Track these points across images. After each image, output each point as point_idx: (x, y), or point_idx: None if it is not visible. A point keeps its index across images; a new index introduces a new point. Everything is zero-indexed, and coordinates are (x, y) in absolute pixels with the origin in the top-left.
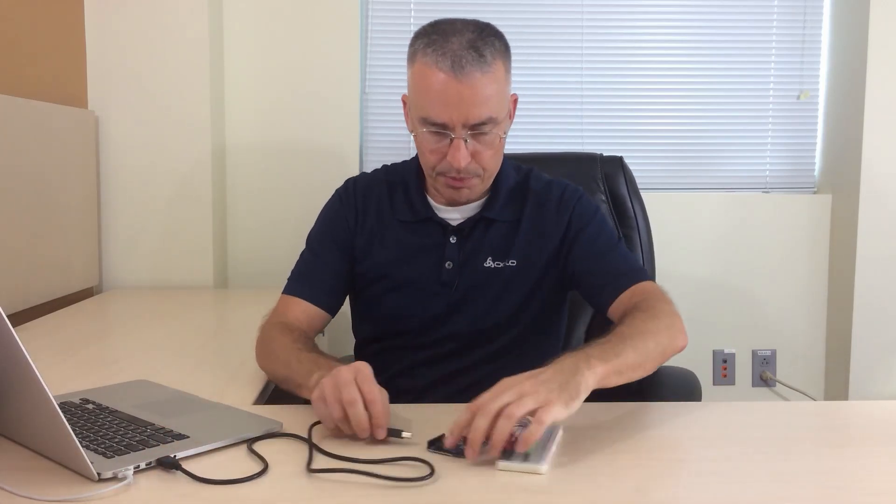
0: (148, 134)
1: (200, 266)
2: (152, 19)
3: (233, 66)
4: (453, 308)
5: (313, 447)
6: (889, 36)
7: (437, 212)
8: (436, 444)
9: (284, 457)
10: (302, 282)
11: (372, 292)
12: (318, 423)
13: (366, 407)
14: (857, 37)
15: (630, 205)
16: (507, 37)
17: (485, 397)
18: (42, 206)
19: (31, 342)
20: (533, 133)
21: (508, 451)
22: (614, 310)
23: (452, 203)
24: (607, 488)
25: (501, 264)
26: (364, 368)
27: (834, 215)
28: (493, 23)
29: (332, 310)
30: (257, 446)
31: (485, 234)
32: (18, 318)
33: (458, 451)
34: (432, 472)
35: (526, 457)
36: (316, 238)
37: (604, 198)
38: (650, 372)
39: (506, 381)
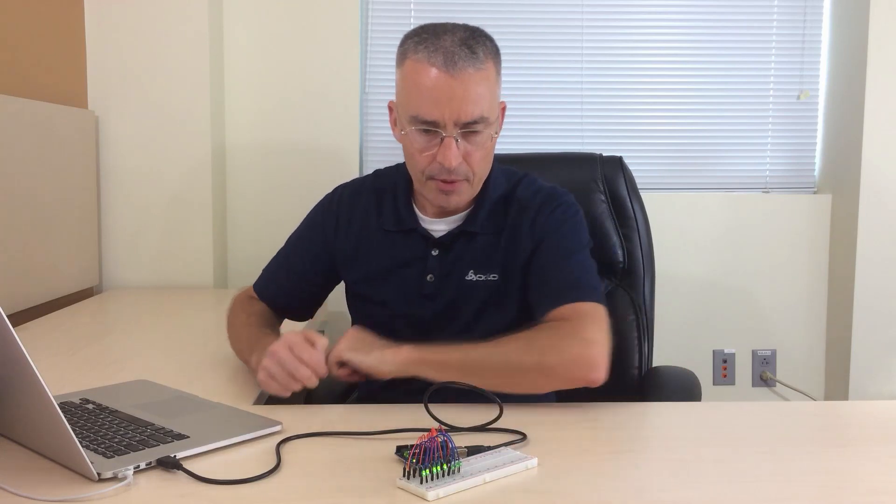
0: (148, 134)
1: (200, 266)
2: (152, 19)
3: (233, 66)
4: (437, 321)
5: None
6: (889, 36)
7: (421, 223)
8: (401, 451)
9: (287, 456)
10: (267, 282)
11: (360, 302)
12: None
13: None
14: (857, 37)
15: (630, 205)
16: (507, 37)
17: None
18: (42, 205)
19: (31, 342)
20: (533, 133)
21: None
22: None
23: (440, 212)
24: (607, 488)
25: (483, 277)
26: (316, 335)
27: (834, 215)
28: (494, 23)
29: (288, 313)
30: (264, 445)
31: (467, 247)
32: (18, 318)
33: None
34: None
35: (431, 478)
36: (293, 241)
37: (603, 198)
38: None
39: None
